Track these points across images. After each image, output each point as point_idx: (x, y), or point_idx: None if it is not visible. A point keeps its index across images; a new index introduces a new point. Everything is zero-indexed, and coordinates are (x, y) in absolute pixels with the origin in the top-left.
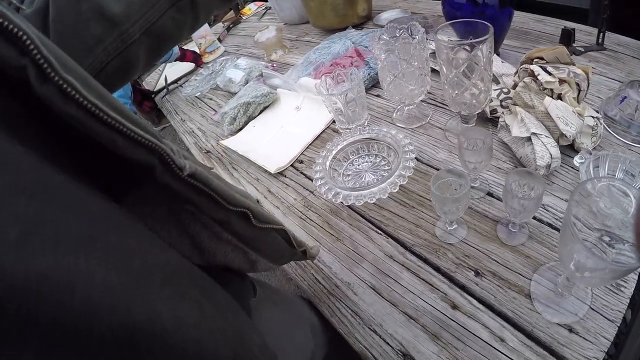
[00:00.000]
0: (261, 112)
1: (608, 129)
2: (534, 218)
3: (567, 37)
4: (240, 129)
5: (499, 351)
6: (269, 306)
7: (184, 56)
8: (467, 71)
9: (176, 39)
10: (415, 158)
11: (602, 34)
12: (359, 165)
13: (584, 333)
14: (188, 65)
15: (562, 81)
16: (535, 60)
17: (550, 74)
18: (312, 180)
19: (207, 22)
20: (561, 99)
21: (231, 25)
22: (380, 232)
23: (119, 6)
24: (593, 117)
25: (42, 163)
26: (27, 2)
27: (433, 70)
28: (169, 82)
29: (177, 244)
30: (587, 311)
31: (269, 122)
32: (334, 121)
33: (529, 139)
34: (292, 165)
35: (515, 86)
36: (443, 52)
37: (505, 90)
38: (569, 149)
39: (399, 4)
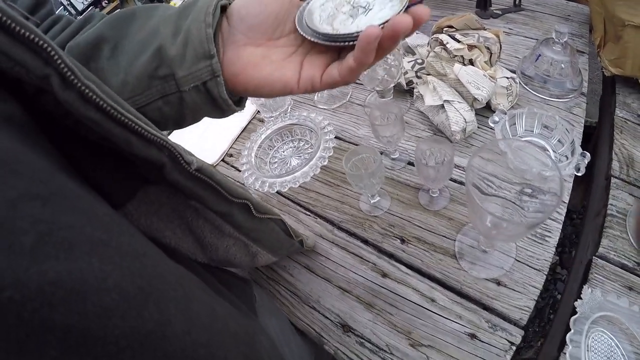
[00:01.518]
0: None
1: (526, 87)
2: (454, 180)
3: (483, 1)
4: (170, 132)
5: (431, 311)
6: (266, 313)
7: None
8: None
9: (159, 129)
10: (338, 137)
11: None
12: (284, 152)
13: (512, 285)
14: None
15: (471, 47)
16: (445, 29)
17: (458, 41)
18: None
19: (194, 123)
20: (473, 64)
21: None
22: (308, 213)
23: (116, 81)
24: (507, 78)
25: (53, 169)
26: (47, 23)
27: None
28: None
29: (181, 243)
30: (513, 264)
31: None
32: (259, 111)
33: (442, 106)
34: (222, 160)
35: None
36: None
37: (419, 61)
38: (487, 110)
39: None
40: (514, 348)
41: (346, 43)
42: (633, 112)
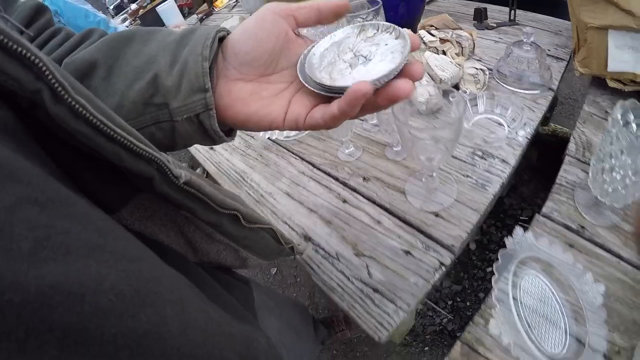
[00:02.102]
0: None
1: (499, 81)
2: None
3: (479, 15)
4: None
5: (376, 230)
6: (265, 314)
7: None
8: None
9: None
10: None
11: (513, 11)
12: None
13: (449, 218)
14: None
15: (444, 40)
16: (427, 27)
17: (433, 35)
18: None
19: (185, 148)
20: (445, 55)
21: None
22: (297, 157)
23: (111, 102)
24: (476, 68)
25: (49, 176)
26: (45, 35)
27: None
28: None
29: (174, 245)
30: (452, 203)
31: None
32: None
33: None
34: None
35: None
36: None
37: None
38: None
39: None
40: (444, 269)
41: (340, 94)
42: (601, 109)
